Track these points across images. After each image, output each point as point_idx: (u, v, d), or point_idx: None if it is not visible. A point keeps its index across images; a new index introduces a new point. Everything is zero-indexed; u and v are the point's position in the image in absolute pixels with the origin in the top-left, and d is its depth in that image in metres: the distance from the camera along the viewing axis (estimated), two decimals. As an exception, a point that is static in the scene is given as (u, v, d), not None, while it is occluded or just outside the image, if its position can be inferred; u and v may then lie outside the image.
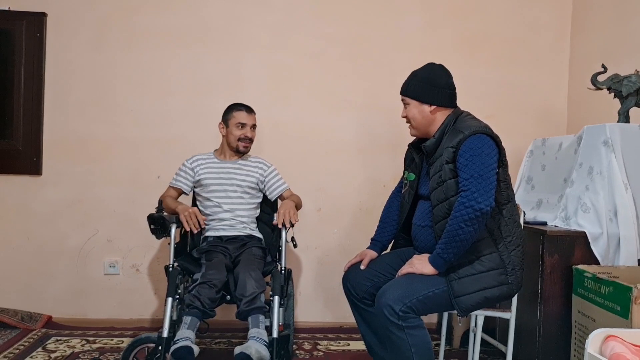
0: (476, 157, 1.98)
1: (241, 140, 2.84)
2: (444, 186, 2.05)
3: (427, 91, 2.16)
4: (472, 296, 2.00)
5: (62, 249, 3.33)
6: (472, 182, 1.95)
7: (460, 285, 2.00)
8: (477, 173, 1.96)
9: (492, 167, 1.99)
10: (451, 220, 1.97)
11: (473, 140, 2.01)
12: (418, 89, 2.18)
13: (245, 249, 2.66)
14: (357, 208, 3.42)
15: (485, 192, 1.93)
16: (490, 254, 2.03)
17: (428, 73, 2.20)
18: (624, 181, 2.24)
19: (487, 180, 1.95)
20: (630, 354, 1.61)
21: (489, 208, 1.93)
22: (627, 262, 2.21)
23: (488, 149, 2.01)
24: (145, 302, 3.37)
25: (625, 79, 2.43)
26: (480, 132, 2.02)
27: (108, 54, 3.32)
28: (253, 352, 2.14)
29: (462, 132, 2.04)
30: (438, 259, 2.01)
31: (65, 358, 2.77)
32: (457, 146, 2.03)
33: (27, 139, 3.29)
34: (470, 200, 1.93)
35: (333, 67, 3.40)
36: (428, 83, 2.17)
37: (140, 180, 3.32)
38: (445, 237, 1.99)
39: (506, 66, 3.47)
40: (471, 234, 1.95)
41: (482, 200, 1.92)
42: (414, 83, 2.20)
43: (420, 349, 1.96)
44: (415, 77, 2.21)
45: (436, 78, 2.18)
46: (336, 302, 3.33)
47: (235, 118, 2.83)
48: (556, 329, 2.21)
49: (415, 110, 2.19)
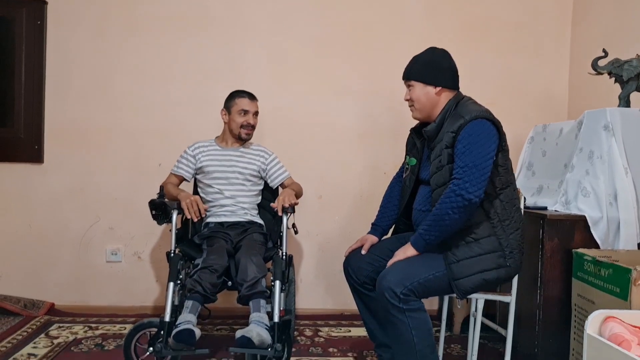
0: (474, 145, 1.99)
1: (243, 127, 2.84)
2: (443, 171, 2.06)
3: (431, 73, 2.17)
4: (471, 278, 2.01)
5: (64, 237, 3.34)
6: (466, 172, 1.96)
7: (459, 268, 2.01)
8: (471, 163, 1.97)
9: (489, 155, 1.99)
10: (439, 204, 2.00)
11: (473, 126, 2.01)
12: (422, 71, 2.18)
13: (247, 235, 2.67)
14: (358, 195, 3.43)
15: (477, 182, 1.95)
16: (489, 236, 2.04)
17: (431, 56, 2.21)
18: (624, 165, 2.24)
19: (480, 170, 1.97)
20: (629, 334, 1.62)
21: (478, 199, 1.96)
22: (626, 245, 2.21)
23: (487, 136, 2.01)
24: (147, 289, 3.38)
25: (626, 63, 2.42)
26: (481, 116, 2.02)
27: (109, 42, 3.32)
28: (254, 336, 2.15)
29: (462, 117, 2.04)
30: (419, 239, 2.05)
31: (68, 344, 2.79)
32: (457, 131, 2.03)
33: (29, 127, 3.30)
34: (462, 189, 1.95)
35: (334, 53, 3.40)
36: (431, 65, 2.17)
37: (141, 168, 3.33)
38: (430, 219, 2.02)
39: (507, 53, 3.46)
40: (456, 221, 1.98)
41: (473, 191, 1.95)
42: (417, 66, 2.20)
43: (421, 332, 1.97)
44: (418, 61, 2.22)
45: (439, 60, 2.19)
46: (337, 288, 3.35)
47: (238, 105, 2.84)
48: (556, 312, 2.22)
49: (421, 92, 2.18)
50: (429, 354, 2.00)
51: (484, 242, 2.03)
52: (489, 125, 2.03)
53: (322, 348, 2.83)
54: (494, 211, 2.05)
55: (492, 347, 2.87)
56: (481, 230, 2.04)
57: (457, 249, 2.03)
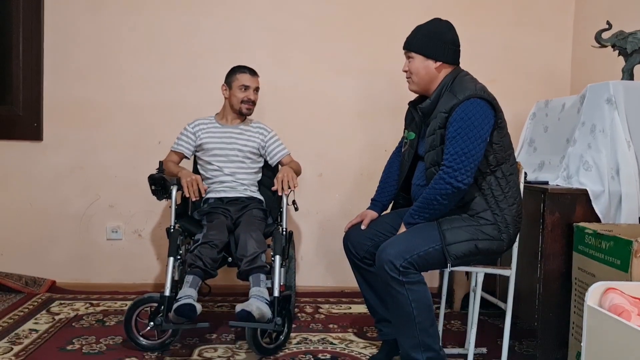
0: (466, 130, 1.96)
1: (244, 102, 2.82)
2: (437, 151, 2.06)
3: (434, 46, 2.12)
4: (463, 244, 2.02)
5: (65, 215, 3.34)
6: (456, 160, 1.96)
7: (452, 234, 2.02)
8: (462, 150, 1.96)
9: (481, 139, 1.98)
10: (429, 189, 2.03)
11: (466, 108, 1.98)
12: (424, 43, 2.13)
13: (246, 211, 2.66)
14: (358, 173, 3.41)
15: (467, 170, 1.96)
16: (483, 211, 2.05)
17: (435, 27, 2.15)
18: (627, 139, 2.22)
19: (470, 158, 1.96)
20: (629, 305, 1.61)
21: (467, 186, 1.99)
22: (628, 219, 2.20)
23: (481, 117, 1.98)
24: (147, 267, 3.39)
25: (630, 35, 2.39)
26: (474, 96, 1.99)
27: (108, 18, 3.29)
28: (254, 310, 2.16)
29: (456, 97, 2.01)
30: (409, 219, 2.09)
31: (69, 320, 2.80)
32: (449, 112, 2.01)
33: (28, 104, 3.28)
34: (451, 177, 1.96)
35: (334, 30, 3.36)
36: (435, 37, 2.13)
37: (141, 146, 3.31)
38: (420, 202, 2.06)
39: (509, 28, 3.42)
40: (445, 206, 2.02)
41: (462, 180, 1.96)
42: (419, 37, 2.15)
43: (421, 304, 1.97)
44: (421, 31, 2.17)
45: (443, 33, 2.14)
46: (338, 266, 3.35)
47: (239, 80, 2.81)
48: (556, 286, 2.21)
49: (420, 65, 2.14)
50: (428, 327, 2.01)
51: (477, 217, 2.05)
52: (483, 105, 2.00)
53: (323, 324, 2.84)
54: (488, 187, 2.05)
55: (492, 323, 2.88)
56: (475, 205, 2.06)
57: (452, 219, 2.05)
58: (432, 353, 2.02)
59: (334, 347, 2.53)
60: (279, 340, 2.47)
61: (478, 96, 2.00)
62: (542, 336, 2.24)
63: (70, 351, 2.42)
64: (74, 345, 2.48)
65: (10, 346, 2.44)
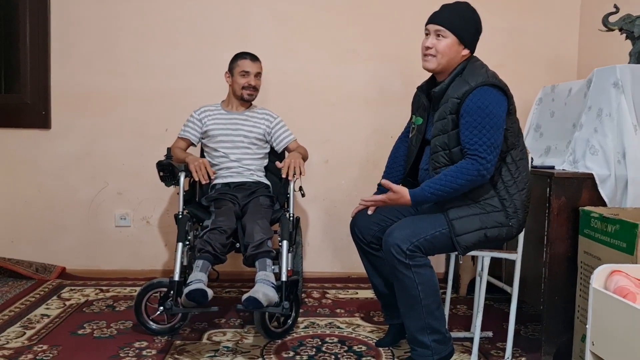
0: (487, 120, 1.96)
1: (245, 88, 2.83)
2: (449, 136, 2.05)
3: (470, 33, 2.09)
4: (473, 234, 2.03)
5: (73, 202, 3.37)
6: (487, 151, 1.96)
7: (461, 224, 2.03)
8: (490, 141, 1.96)
9: (501, 128, 1.99)
10: (455, 171, 1.99)
11: (479, 95, 1.98)
12: (462, 27, 2.06)
13: (253, 197, 2.68)
14: (365, 159, 3.42)
15: (495, 162, 1.99)
16: (491, 197, 2.06)
17: (472, 13, 2.12)
18: (634, 123, 2.21)
19: (497, 149, 1.99)
20: (634, 287, 1.62)
21: (490, 175, 2.01)
22: (634, 203, 2.20)
23: (495, 105, 1.98)
24: (156, 253, 3.43)
25: (638, 18, 2.37)
26: (486, 83, 1.99)
27: (114, 5, 3.30)
28: (261, 296, 2.14)
29: (468, 83, 2.01)
30: (422, 193, 2.02)
31: (79, 305, 2.84)
32: (462, 98, 2.01)
33: (35, 92, 3.30)
34: (484, 168, 1.97)
35: (340, 16, 3.36)
36: (471, 24, 2.10)
37: (148, 133, 3.33)
38: (440, 179, 2.00)
39: (516, 13, 3.40)
40: (464, 189, 2.01)
41: (490, 171, 1.99)
42: (457, 18, 2.07)
43: (427, 287, 1.99)
44: (456, 12, 2.09)
45: (477, 21, 2.13)
46: (344, 252, 3.37)
47: (240, 66, 2.82)
48: (562, 270, 2.22)
49: (452, 48, 2.06)
50: (434, 310, 2.03)
51: (484, 203, 2.05)
52: (496, 93, 2.00)
53: (330, 309, 2.87)
54: (498, 173, 2.06)
55: (498, 307, 2.90)
56: (483, 191, 2.06)
57: (460, 207, 2.05)
58: (439, 335, 2.04)
59: (341, 332, 2.56)
60: (287, 325, 2.50)
61: (490, 83, 2.00)
62: (548, 320, 2.25)
63: (81, 335, 2.46)
64: (85, 330, 2.52)
65: (23, 330, 2.48)
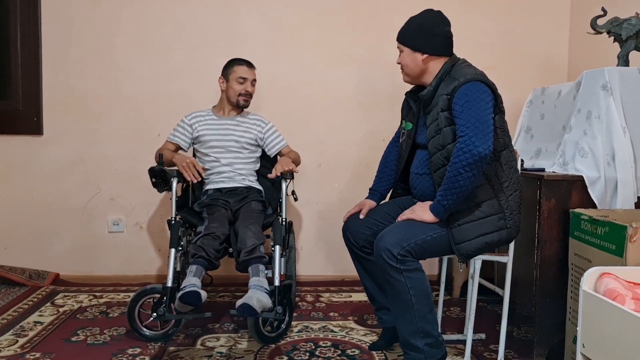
0: (471, 103, 1.98)
1: (241, 95, 2.84)
2: (442, 134, 2.05)
3: (421, 39, 2.15)
4: (473, 242, 2.03)
5: (66, 208, 3.37)
6: (470, 127, 1.94)
7: (460, 232, 2.03)
8: (473, 118, 1.95)
9: (488, 112, 1.99)
10: (450, 166, 1.97)
11: (467, 87, 2.01)
12: (412, 36, 2.17)
13: (245, 203, 2.68)
14: (358, 163, 3.43)
15: (483, 135, 1.93)
16: (489, 199, 2.05)
17: (424, 20, 2.18)
18: (622, 125, 2.23)
19: (484, 124, 1.95)
20: (624, 289, 1.64)
21: (488, 151, 1.93)
22: (624, 205, 2.22)
23: (483, 95, 2.00)
24: (150, 259, 3.42)
25: (625, 21, 2.39)
26: (475, 79, 2.02)
27: (105, 10, 3.30)
28: (254, 302, 2.14)
29: (456, 80, 2.04)
30: (438, 207, 2.02)
31: (73, 312, 2.84)
32: (451, 93, 2.03)
33: (27, 98, 3.30)
34: (469, 145, 1.92)
35: (332, 20, 3.37)
36: (423, 30, 2.15)
37: (141, 138, 3.33)
38: (444, 184, 1.99)
39: (507, 15, 3.42)
40: (470, 179, 1.94)
41: (480, 144, 1.91)
42: (409, 30, 2.19)
43: (419, 292, 2.00)
44: (411, 24, 2.20)
45: (432, 25, 2.16)
46: (338, 255, 3.37)
47: (236, 72, 2.83)
48: (553, 272, 2.23)
49: (408, 58, 2.18)
50: (427, 313, 2.03)
51: (484, 206, 2.04)
52: (483, 87, 2.02)
53: (323, 312, 2.87)
54: (494, 173, 2.06)
55: (491, 309, 2.91)
56: (481, 193, 2.04)
57: (458, 213, 2.04)
58: (431, 339, 2.05)
59: (335, 335, 2.56)
60: (281, 329, 2.50)
61: (478, 79, 2.02)
62: (540, 321, 2.27)
63: (75, 342, 2.45)
64: (78, 337, 2.51)
65: (16, 338, 2.47)
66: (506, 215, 2.05)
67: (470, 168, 1.93)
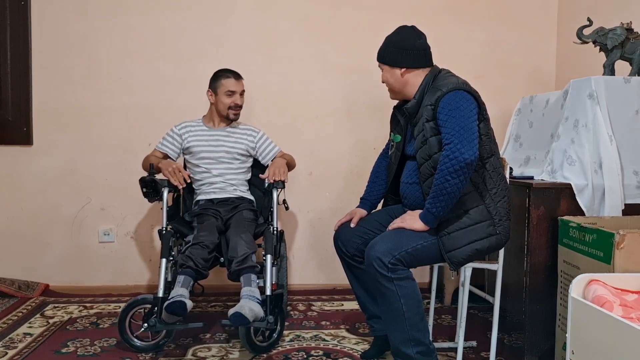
0: (455, 111, 2.01)
1: (231, 108, 2.84)
2: (428, 144, 2.08)
3: (397, 54, 2.20)
4: (463, 249, 2.04)
5: (56, 218, 3.35)
6: (455, 135, 1.97)
7: (451, 240, 2.04)
8: (458, 126, 1.98)
9: (472, 119, 2.01)
10: (437, 174, 2.00)
11: (451, 97, 2.04)
12: (389, 54, 2.23)
13: (236, 212, 2.69)
14: (348, 171, 3.45)
15: (468, 142, 1.95)
16: (477, 206, 2.06)
17: (397, 36, 2.24)
18: (609, 133, 2.26)
19: (468, 131, 1.97)
20: (611, 295, 1.66)
21: (474, 158, 1.95)
22: (611, 212, 2.24)
23: (466, 104, 2.03)
24: (140, 269, 3.41)
25: (610, 31, 2.43)
26: (457, 88, 2.05)
27: (94, 21, 3.30)
28: (246, 312, 2.15)
29: (439, 90, 2.07)
30: (428, 215, 2.04)
31: (63, 323, 2.82)
32: (435, 103, 2.06)
33: (16, 109, 3.28)
34: (454, 152, 1.95)
35: (320, 30, 3.39)
36: (397, 46, 2.21)
37: (131, 148, 3.32)
38: (432, 192, 2.01)
39: (494, 25, 3.47)
40: (457, 185, 1.96)
41: (466, 151, 1.94)
42: (384, 48, 2.26)
43: (410, 300, 2.01)
44: (387, 42, 2.26)
45: (404, 40, 2.21)
46: (329, 264, 3.38)
47: (224, 86, 2.82)
48: (542, 279, 2.25)
49: (388, 75, 2.24)
50: (418, 322, 2.04)
51: (473, 213, 2.06)
52: (467, 95, 2.06)
53: (315, 321, 2.87)
54: (481, 181, 2.08)
55: (482, 316, 2.93)
56: (469, 201, 2.06)
57: (448, 221, 2.05)
58: (422, 347, 2.06)
59: (327, 344, 2.56)
60: (272, 338, 2.50)
61: (461, 88, 2.05)
62: (530, 328, 2.28)
63: (65, 354, 2.43)
64: (68, 348, 2.49)
65: (5, 351, 2.45)
66: (495, 221, 2.07)
67: (457, 175, 1.95)
